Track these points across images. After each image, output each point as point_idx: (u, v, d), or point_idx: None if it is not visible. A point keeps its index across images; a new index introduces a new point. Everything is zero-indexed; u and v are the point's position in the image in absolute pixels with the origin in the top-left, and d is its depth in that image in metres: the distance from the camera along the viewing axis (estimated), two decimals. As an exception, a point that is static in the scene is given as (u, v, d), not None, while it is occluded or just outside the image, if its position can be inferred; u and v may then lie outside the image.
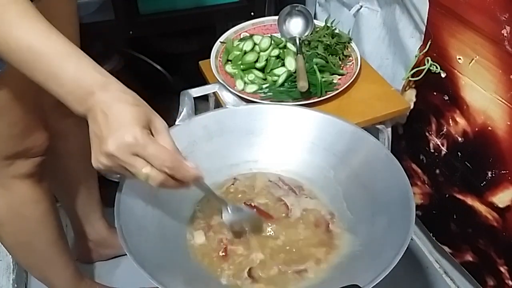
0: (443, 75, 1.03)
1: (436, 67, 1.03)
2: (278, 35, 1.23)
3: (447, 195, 1.12)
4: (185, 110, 0.88)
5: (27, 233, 0.96)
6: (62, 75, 0.58)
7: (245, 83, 1.12)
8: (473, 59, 0.93)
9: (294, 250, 0.78)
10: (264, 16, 1.33)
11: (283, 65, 1.15)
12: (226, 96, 0.95)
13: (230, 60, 1.18)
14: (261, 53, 1.17)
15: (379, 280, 0.62)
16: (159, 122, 0.62)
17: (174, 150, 0.62)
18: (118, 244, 0.68)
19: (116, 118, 0.58)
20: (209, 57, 1.17)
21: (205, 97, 1.14)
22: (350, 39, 1.22)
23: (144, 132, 0.59)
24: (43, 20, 0.58)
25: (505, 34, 0.83)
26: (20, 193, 0.90)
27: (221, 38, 1.22)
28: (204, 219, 0.82)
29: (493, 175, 0.97)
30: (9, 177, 0.87)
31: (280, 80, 1.12)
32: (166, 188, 0.62)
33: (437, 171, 1.13)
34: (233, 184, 0.87)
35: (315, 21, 1.24)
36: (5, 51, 0.58)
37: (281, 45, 1.19)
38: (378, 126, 1.12)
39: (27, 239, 0.97)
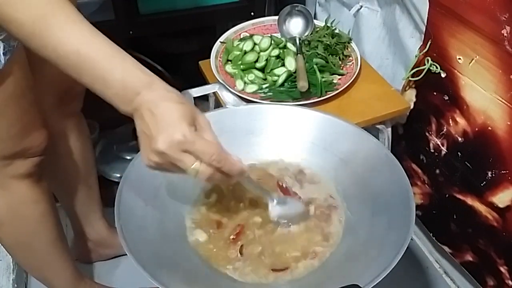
0: (443, 75, 1.02)
1: (436, 67, 1.03)
2: (278, 35, 1.23)
3: (447, 195, 1.12)
4: (185, 110, 0.88)
5: (26, 233, 0.95)
6: (109, 78, 0.59)
7: (245, 83, 1.12)
8: (473, 59, 0.93)
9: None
10: (264, 16, 1.33)
11: (283, 65, 1.15)
12: (226, 96, 0.95)
13: (230, 60, 1.18)
14: (261, 53, 1.17)
15: (379, 280, 0.62)
16: (202, 118, 0.64)
17: (220, 145, 0.64)
18: (118, 244, 0.69)
19: (164, 116, 0.59)
20: (209, 57, 1.17)
21: (205, 97, 1.14)
22: (350, 39, 1.22)
23: (191, 129, 0.60)
24: (87, 23, 0.60)
25: (505, 34, 0.83)
26: (19, 193, 0.90)
27: (221, 38, 1.22)
28: (205, 215, 0.82)
29: (493, 175, 0.97)
30: (8, 177, 0.87)
31: (280, 80, 1.12)
32: (213, 182, 0.65)
33: (437, 171, 1.13)
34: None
35: (315, 21, 1.24)
36: (54, 58, 0.59)
37: (281, 45, 1.19)
38: (378, 126, 1.12)
39: (27, 239, 0.97)
